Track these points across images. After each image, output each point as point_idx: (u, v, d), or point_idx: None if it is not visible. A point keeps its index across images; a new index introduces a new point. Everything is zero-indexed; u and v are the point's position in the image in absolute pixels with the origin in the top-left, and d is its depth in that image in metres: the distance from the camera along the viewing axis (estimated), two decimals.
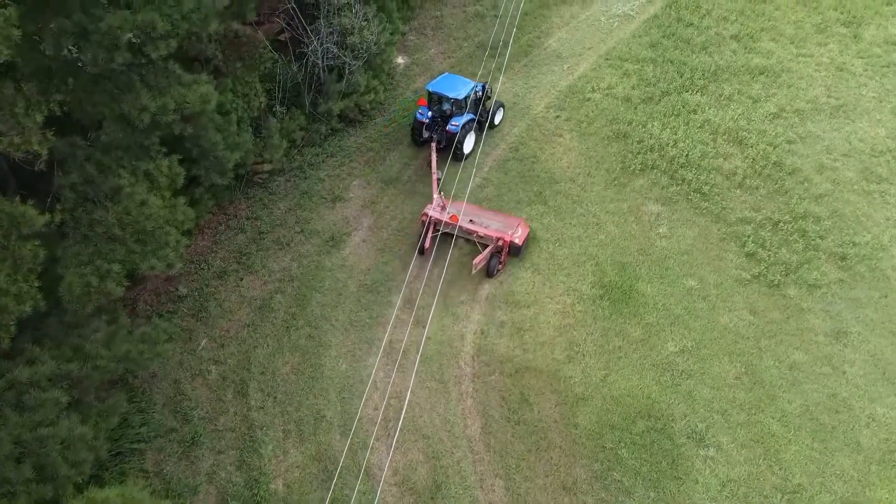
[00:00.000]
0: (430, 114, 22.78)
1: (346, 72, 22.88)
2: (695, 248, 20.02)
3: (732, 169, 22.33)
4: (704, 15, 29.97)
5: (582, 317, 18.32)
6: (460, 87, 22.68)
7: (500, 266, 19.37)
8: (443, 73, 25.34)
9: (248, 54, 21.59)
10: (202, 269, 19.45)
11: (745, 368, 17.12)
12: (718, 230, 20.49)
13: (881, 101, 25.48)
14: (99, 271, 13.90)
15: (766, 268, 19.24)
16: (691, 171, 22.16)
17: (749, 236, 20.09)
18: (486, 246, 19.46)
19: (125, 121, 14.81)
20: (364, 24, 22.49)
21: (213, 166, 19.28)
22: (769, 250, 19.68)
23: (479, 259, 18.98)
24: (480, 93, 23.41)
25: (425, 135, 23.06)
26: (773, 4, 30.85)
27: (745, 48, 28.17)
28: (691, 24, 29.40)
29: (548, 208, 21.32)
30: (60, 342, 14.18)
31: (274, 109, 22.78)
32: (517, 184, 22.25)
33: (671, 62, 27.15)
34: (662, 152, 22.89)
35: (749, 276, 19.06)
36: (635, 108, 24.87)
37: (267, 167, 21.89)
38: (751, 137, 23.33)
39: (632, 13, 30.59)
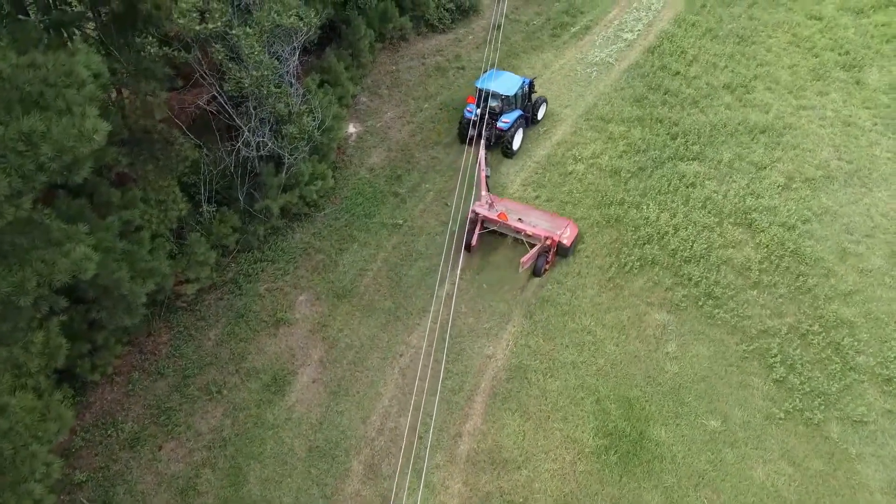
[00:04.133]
0: (478, 111, 22.23)
1: (286, 162, 19.08)
2: (713, 374, 16.73)
3: (744, 261, 19.14)
4: (691, 62, 26.92)
5: (586, 480, 14.85)
6: (510, 84, 22.33)
7: (547, 266, 19.02)
8: (476, 85, 23.39)
9: (161, 153, 17.69)
10: (109, 435, 15.48)
11: None
12: (738, 347, 17.25)
13: None
14: None
15: (800, 399, 16.04)
16: (698, 267, 18.92)
17: (775, 355, 16.87)
18: (533, 245, 19.19)
19: None
20: (303, 108, 18.69)
21: (119, 305, 15.44)
22: (801, 374, 16.50)
23: (527, 258, 18.58)
24: (528, 88, 23.07)
25: (472, 133, 22.52)
26: (763, 46, 27.98)
27: (740, 100, 25.17)
28: (678, 72, 26.32)
29: (533, 324, 17.85)
30: None
31: (200, 209, 18.92)
32: (495, 289, 18.74)
33: (660, 122, 23.97)
34: (662, 243, 19.61)
35: (782, 413, 15.81)
36: (625, 183, 21.57)
37: (192, 288, 17.96)
38: (761, 219, 20.19)
39: (610, 60, 27.39)
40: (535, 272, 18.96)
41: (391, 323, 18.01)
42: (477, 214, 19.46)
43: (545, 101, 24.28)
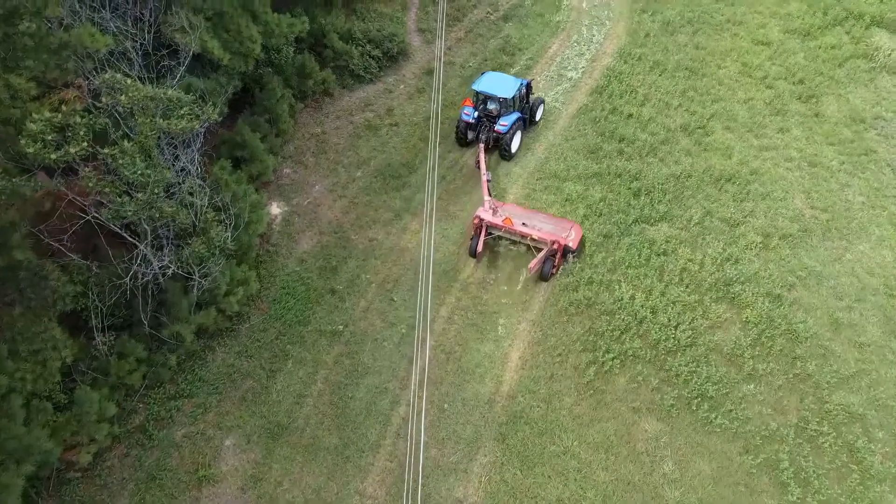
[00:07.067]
0: (476, 114, 22.20)
1: (196, 280, 15.81)
2: (720, 498, 14.45)
3: (734, 346, 17.02)
4: (643, 102, 24.88)
5: None
6: (508, 86, 21.94)
7: (555, 270, 18.74)
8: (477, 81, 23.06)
9: (32, 292, 14.17)
10: None
11: None
12: (742, 459, 15.05)
13: (874, 208, 21.09)
14: None
15: None
16: (684, 360, 16.68)
17: (787, 468, 14.75)
18: (539, 249, 18.81)
19: None
20: (211, 215, 15.48)
21: None
22: (819, 492, 14.41)
23: (534, 263, 18.25)
24: (525, 90, 22.64)
25: (471, 136, 22.59)
26: (714, 78, 26.28)
27: (699, 144, 23.26)
28: (630, 115, 24.24)
29: (507, 451, 15.19)
30: None
31: (94, 342, 15.48)
32: (457, 408, 16.01)
33: (619, 176, 21.76)
34: (641, 331, 17.31)
35: None
36: (591, 257, 19.21)
37: (87, 455, 14.50)
38: (745, 292, 18.15)
39: (557, 105, 25.09)
40: (543, 276, 18.58)
41: (339, 466, 15.04)
42: (482, 220, 18.95)
43: (543, 101, 23.79)
